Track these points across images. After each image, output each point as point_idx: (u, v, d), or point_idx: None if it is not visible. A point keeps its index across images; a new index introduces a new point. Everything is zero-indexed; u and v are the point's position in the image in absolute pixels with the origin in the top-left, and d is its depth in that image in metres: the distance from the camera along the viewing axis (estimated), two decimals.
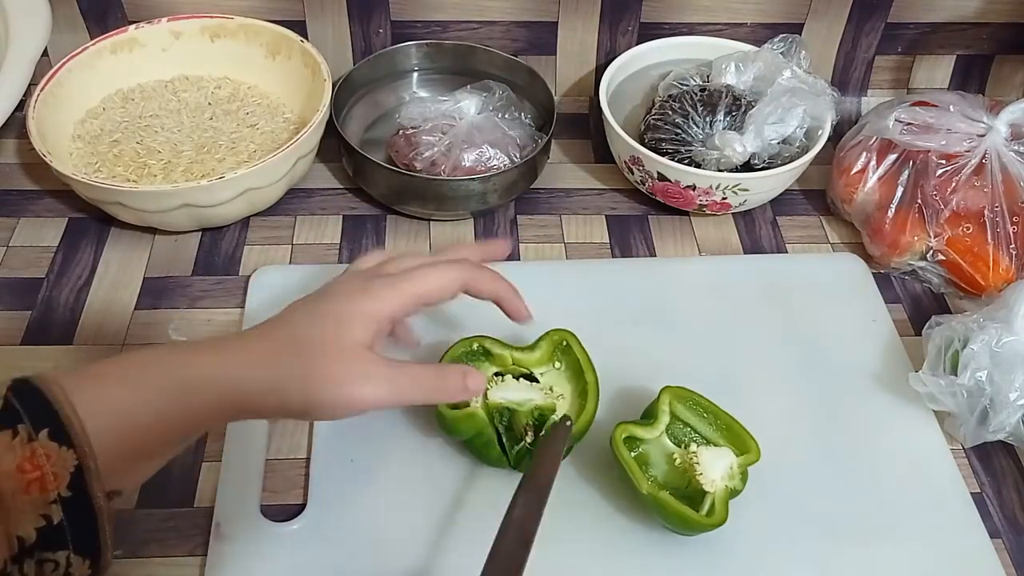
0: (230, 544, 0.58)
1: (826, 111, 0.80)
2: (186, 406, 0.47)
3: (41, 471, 0.41)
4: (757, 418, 0.61)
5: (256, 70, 0.86)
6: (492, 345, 0.64)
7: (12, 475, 0.40)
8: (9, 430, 0.41)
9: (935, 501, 0.63)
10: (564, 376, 0.65)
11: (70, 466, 0.42)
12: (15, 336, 0.70)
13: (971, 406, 0.63)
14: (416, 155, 0.79)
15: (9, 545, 0.40)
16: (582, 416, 0.62)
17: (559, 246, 0.80)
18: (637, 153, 0.78)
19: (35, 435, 0.41)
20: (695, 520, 0.57)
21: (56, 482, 0.41)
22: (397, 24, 0.88)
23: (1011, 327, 0.64)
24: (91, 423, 0.43)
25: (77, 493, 0.42)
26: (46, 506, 0.41)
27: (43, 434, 0.41)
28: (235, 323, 0.71)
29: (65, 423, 0.42)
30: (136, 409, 0.45)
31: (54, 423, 0.42)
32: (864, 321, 0.74)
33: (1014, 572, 0.60)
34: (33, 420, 0.42)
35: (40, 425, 0.42)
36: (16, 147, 0.85)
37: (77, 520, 0.42)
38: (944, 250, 0.75)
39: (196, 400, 0.47)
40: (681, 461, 0.60)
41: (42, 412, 0.42)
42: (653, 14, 0.88)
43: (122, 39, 0.84)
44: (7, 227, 0.78)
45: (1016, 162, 0.74)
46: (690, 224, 0.82)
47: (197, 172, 0.78)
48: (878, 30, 0.90)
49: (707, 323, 0.73)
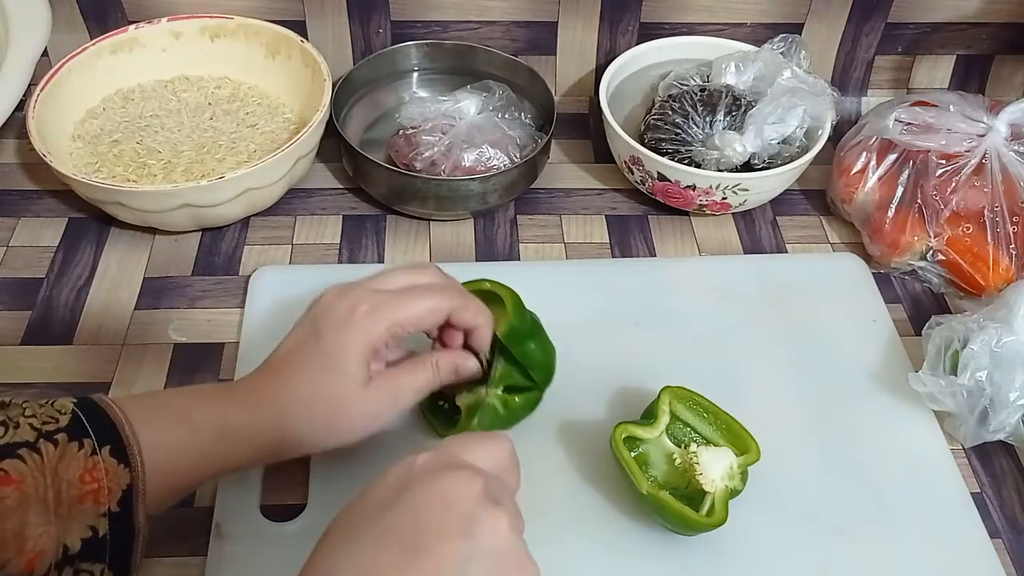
0: (230, 544, 0.58)
1: (826, 111, 0.80)
2: (228, 451, 0.51)
3: (99, 484, 0.43)
4: (757, 418, 0.61)
5: (256, 70, 0.86)
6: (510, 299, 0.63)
7: (75, 484, 0.42)
8: (77, 441, 0.43)
9: (935, 501, 0.63)
10: None
11: (123, 484, 0.44)
12: (15, 336, 0.70)
13: (971, 406, 0.63)
14: (416, 155, 0.79)
15: (56, 552, 0.41)
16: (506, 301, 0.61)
17: (559, 246, 0.80)
18: (637, 153, 0.78)
19: (99, 450, 0.44)
20: (695, 520, 0.57)
21: (110, 496, 0.43)
22: (397, 24, 0.88)
23: (1011, 327, 0.64)
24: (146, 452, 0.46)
25: (123, 511, 0.44)
26: (96, 518, 0.43)
27: (106, 450, 0.44)
28: (235, 323, 0.71)
29: (126, 443, 0.45)
30: (184, 446, 0.49)
31: (116, 442, 0.44)
32: (864, 321, 0.74)
33: (1014, 572, 0.60)
34: (99, 435, 0.44)
35: (104, 442, 0.44)
36: (16, 147, 0.85)
37: (118, 537, 0.44)
38: (944, 250, 0.75)
39: (231, 449, 0.51)
40: (681, 461, 0.60)
41: (106, 429, 0.45)
42: (653, 14, 0.88)
43: (122, 39, 0.84)
44: (7, 227, 0.78)
45: (1016, 162, 0.74)
46: (690, 224, 0.82)
47: (197, 172, 0.78)
48: (878, 30, 0.90)
49: (707, 323, 0.73)
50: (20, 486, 0.41)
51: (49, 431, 0.43)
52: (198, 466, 0.50)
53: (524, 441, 0.60)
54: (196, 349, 0.70)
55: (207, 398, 0.52)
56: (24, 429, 0.43)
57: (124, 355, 0.69)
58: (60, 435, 0.43)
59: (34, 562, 0.41)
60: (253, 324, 0.71)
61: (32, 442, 0.42)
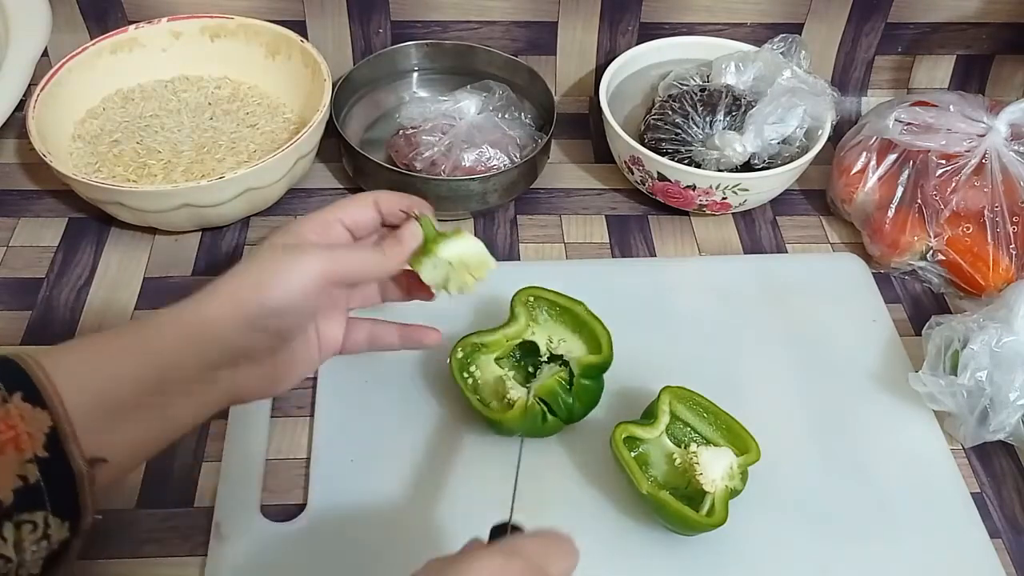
0: (230, 544, 0.58)
1: (826, 111, 0.80)
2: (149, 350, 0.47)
3: (16, 431, 0.41)
4: (757, 418, 0.62)
5: (256, 70, 0.86)
6: (480, 337, 0.65)
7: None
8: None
9: (935, 501, 0.63)
10: (554, 323, 0.66)
11: (45, 427, 0.42)
12: (15, 336, 0.70)
13: (971, 406, 0.63)
14: (416, 155, 0.79)
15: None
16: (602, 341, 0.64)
17: (559, 246, 0.80)
18: (637, 153, 0.78)
19: (9, 397, 0.42)
20: (695, 520, 0.57)
21: (31, 441, 0.42)
22: (397, 24, 0.88)
23: (1011, 327, 0.64)
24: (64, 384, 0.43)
25: (54, 455, 0.42)
26: (21, 466, 0.41)
27: (16, 396, 0.42)
28: None
29: (38, 386, 0.42)
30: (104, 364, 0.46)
31: (27, 386, 0.42)
32: (864, 321, 0.74)
33: (1014, 572, 0.60)
34: (7, 383, 0.42)
35: (13, 388, 0.42)
36: (16, 147, 0.85)
37: (55, 481, 0.42)
38: (944, 250, 0.75)
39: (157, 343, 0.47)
40: (681, 461, 0.60)
41: (15, 377, 0.43)
42: (653, 14, 0.88)
43: (122, 39, 0.84)
44: (7, 227, 0.78)
45: (1016, 162, 0.74)
46: (690, 224, 0.82)
47: (197, 172, 0.78)
48: (878, 30, 0.90)
49: (707, 323, 0.73)
50: None
51: None
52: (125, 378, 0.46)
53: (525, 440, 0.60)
54: None
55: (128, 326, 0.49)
56: None
57: None
58: None
59: None
60: None
61: None
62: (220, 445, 0.63)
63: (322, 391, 0.67)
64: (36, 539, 0.41)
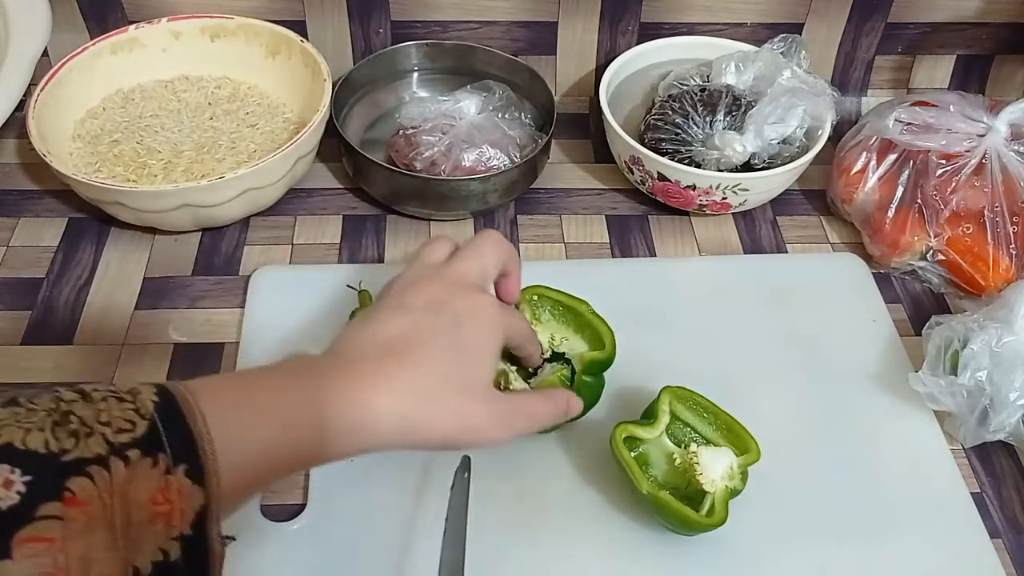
0: (230, 544, 0.58)
1: (826, 111, 0.80)
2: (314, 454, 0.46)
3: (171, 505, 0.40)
4: (757, 418, 0.61)
5: (256, 70, 0.86)
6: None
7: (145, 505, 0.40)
8: (150, 458, 0.40)
9: (935, 501, 0.63)
10: (557, 322, 0.66)
11: (197, 505, 0.41)
12: (15, 336, 0.70)
13: (971, 406, 0.63)
14: (416, 155, 0.79)
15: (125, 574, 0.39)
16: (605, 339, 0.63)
17: (559, 246, 0.80)
18: (637, 153, 0.78)
19: (174, 469, 0.40)
20: (695, 520, 0.57)
21: (182, 519, 0.40)
22: (397, 24, 0.88)
23: (1011, 327, 0.64)
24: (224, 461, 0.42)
25: (197, 533, 0.41)
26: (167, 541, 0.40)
27: (180, 470, 0.41)
28: (235, 323, 0.71)
29: (203, 461, 0.41)
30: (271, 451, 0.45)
31: (194, 461, 0.41)
32: (864, 321, 0.74)
33: (1014, 572, 0.60)
34: (175, 452, 0.41)
35: (180, 460, 0.41)
36: (16, 147, 0.85)
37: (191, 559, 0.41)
38: (944, 250, 0.75)
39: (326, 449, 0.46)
40: (681, 461, 0.60)
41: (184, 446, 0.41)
42: (653, 14, 0.88)
43: (122, 39, 0.84)
44: (7, 227, 0.78)
45: (1016, 162, 0.74)
46: (690, 224, 0.82)
47: (197, 172, 0.78)
48: (878, 30, 0.90)
49: (707, 323, 0.73)
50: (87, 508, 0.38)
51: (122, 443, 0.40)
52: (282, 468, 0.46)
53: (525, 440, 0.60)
54: (196, 349, 0.70)
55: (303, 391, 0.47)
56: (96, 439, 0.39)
57: (124, 355, 0.69)
58: (133, 451, 0.40)
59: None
60: (253, 324, 0.71)
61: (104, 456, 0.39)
62: None
63: None
64: None
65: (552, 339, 0.65)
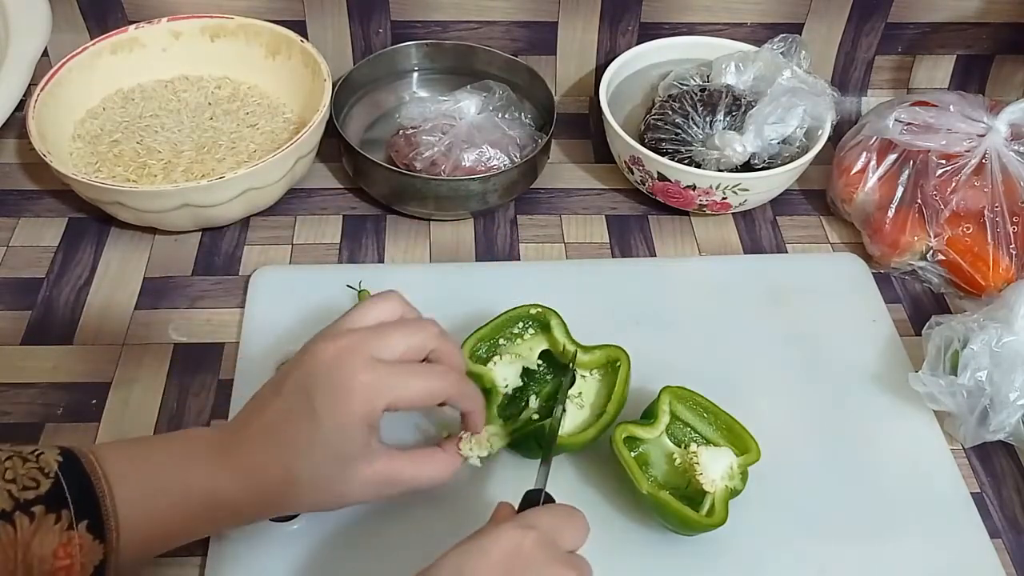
0: (230, 544, 0.58)
1: (826, 111, 0.80)
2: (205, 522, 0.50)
3: (71, 560, 0.42)
4: (757, 418, 0.62)
5: (256, 70, 0.86)
6: (556, 325, 0.65)
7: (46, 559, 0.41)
8: (54, 514, 0.42)
9: (935, 501, 0.63)
10: (597, 390, 0.64)
11: (96, 560, 0.43)
12: (15, 336, 0.70)
13: (971, 406, 0.63)
14: (416, 155, 0.79)
15: None
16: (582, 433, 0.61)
17: (559, 246, 0.80)
18: (637, 153, 0.78)
19: (76, 525, 0.42)
20: (695, 520, 0.57)
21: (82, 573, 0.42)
22: (397, 24, 0.88)
23: (1011, 327, 0.64)
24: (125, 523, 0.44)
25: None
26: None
27: (83, 525, 0.42)
28: (235, 323, 0.71)
29: (104, 518, 0.43)
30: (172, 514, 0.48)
31: (95, 517, 0.43)
32: (864, 321, 0.74)
33: (1014, 572, 0.60)
34: (77, 509, 0.43)
35: (82, 515, 0.43)
36: (16, 147, 0.85)
37: None
38: (944, 250, 0.75)
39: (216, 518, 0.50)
40: (681, 461, 0.60)
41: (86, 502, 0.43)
42: (653, 14, 0.88)
43: (122, 39, 0.84)
44: (7, 227, 0.78)
45: (1016, 162, 0.74)
46: (690, 224, 0.82)
47: (197, 172, 0.78)
48: (878, 30, 0.90)
49: (707, 323, 0.73)
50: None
51: (27, 500, 0.42)
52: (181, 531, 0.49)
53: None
54: (196, 349, 0.70)
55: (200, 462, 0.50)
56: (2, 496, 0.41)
57: (124, 355, 0.69)
58: (38, 507, 0.42)
59: None
60: (253, 324, 0.71)
61: (8, 512, 0.41)
62: None
63: None
64: None
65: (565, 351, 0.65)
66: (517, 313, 0.65)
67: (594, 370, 0.65)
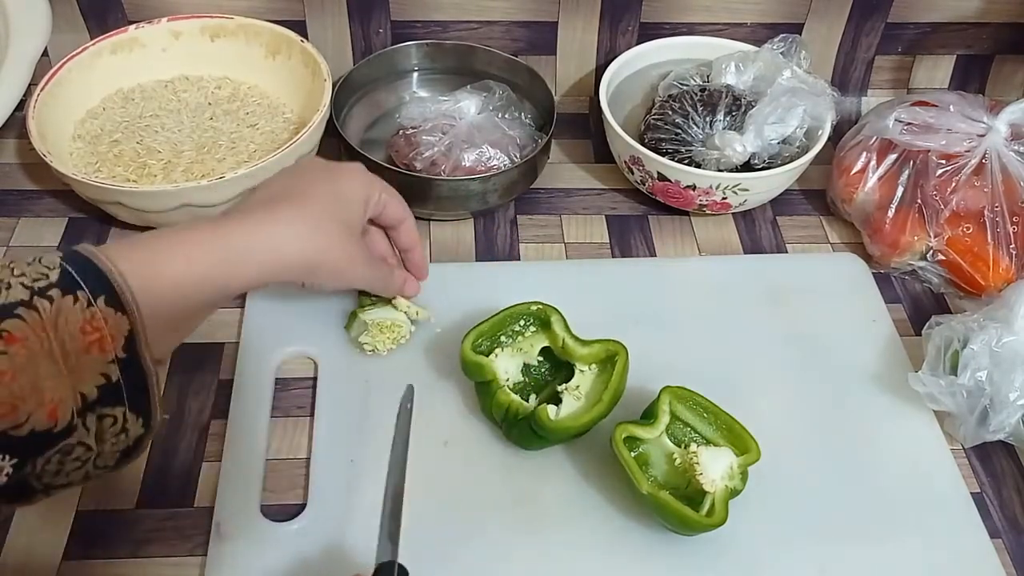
0: (230, 544, 0.58)
1: (826, 111, 0.80)
2: (222, 277, 0.52)
3: (101, 333, 0.44)
4: (757, 418, 0.62)
5: (256, 70, 0.86)
6: (556, 321, 0.65)
7: (76, 336, 0.43)
8: (71, 295, 0.44)
9: (935, 501, 0.63)
10: (594, 383, 0.64)
11: (124, 330, 0.45)
12: None
13: (971, 406, 0.63)
14: (416, 155, 0.79)
15: (75, 400, 0.43)
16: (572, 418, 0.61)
17: (559, 246, 0.80)
18: (637, 153, 0.78)
19: (94, 301, 0.44)
20: (695, 520, 0.57)
21: (113, 343, 0.44)
22: (397, 24, 0.88)
23: (1011, 327, 0.64)
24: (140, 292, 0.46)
25: (130, 355, 0.45)
26: (105, 365, 0.44)
27: (100, 300, 0.44)
28: (235, 323, 0.71)
29: (119, 291, 0.45)
30: (183, 278, 0.49)
31: (110, 291, 0.45)
32: (864, 321, 0.74)
33: (1014, 572, 0.60)
34: (91, 287, 0.44)
35: (98, 292, 0.44)
36: (16, 147, 0.85)
37: (131, 380, 0.45)
38: (944, 250, 0.75)
39: (231, 272, 0.52)
40: (681, 461, 0.60)
41: (98, 279, 0.45)
42: (653, 14, 0.88)
43: (122, 39, 0.84)
44: (7, 227, 0.78)
45: (1016, 162, 0.74)
46: (690, 224, 0.82)
47: (197, 172, 0.78)
48: (878, 30, 0.90)
49: (707, 323, 0.73)
50: (25, 343, 0.42)
51: (42, 287, 0.44)
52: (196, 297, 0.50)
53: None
54: (196, 349, 0.70)
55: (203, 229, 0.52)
56: (16, 289, 0.43)
57: None
58: (53, 291, 0.44)
59: (56, 411, 0.42)
60: (253, 324, 0.71)
61: (28, 300, 0.43)
62: (220, 445, 0.63)
63: (322, 391, 0.67)
64: (116, 432, 0.45)
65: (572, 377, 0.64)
66: (518, 310, 0.66)
67: (592, 364, 0.65)
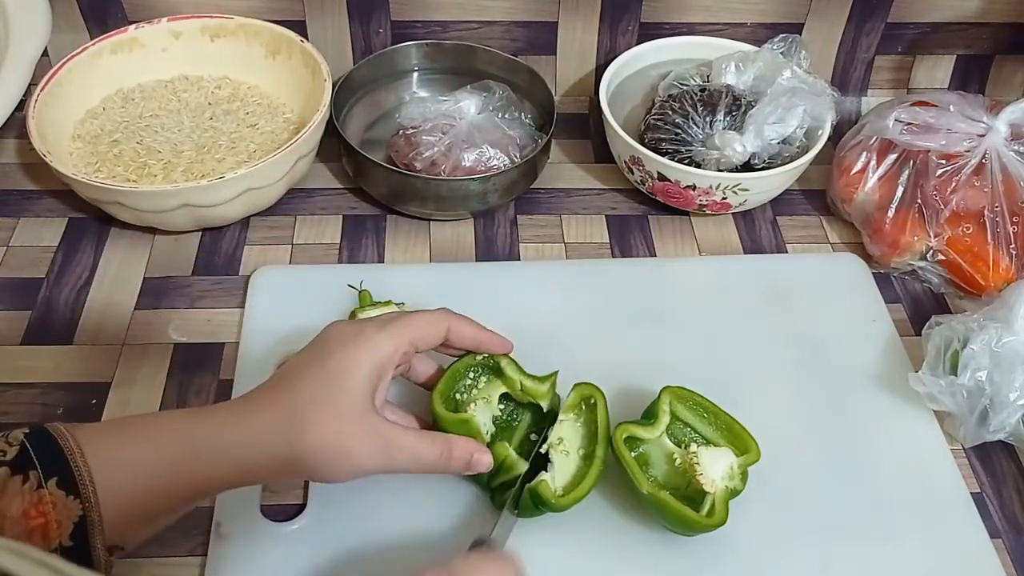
0: (230, 544, 0.58)
1: (826, 111, 0.80)
2: (195, 472, 0.48)
3: (45, 518, 0.42)
4: (757, 418, 0.61)
5: (256, 70, 0.86)
6: (507, 365, 0.61)
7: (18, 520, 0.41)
8: (20, 475, 0.42)
9: (935, 501, 0.63)
10: (579, 432, 0.62)
11: (74, 516, 0.42)
12: (15, 336, 0.70)
13: (971, 406, 0.63)
14: (416, 155, 0.79)
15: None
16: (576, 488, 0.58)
17: (559, 246, 0.80)
18: (637, 153, 0.78)
19: (44, 483, 0.42)
20: (695, 520, 0.57)
21: (59, 530, 0.42)
22: (397, 24, 0.88)
23: (1011, 327, 0.64)
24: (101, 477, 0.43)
25: (78, 544, 0.42)
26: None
27: (52, 482, 0.42)
28: (235, 323, 0.71)
29: (75, 473, 0.43)
30: (148, 469, 0.46)
31: (64, 472, 0.42)
32: (864, 321, 0.74)
33: (1014, 572, 0.60)
34: (44, 467, 0.42)
35: (51, 473, 0.42)
36: (16, 147, 0.85)
37: None
38: (944, 250, 0.75)
39: (204, 468, 0.48)
40: (681, 461, 0.60)
41: (54, 461, 0.43)
42: (653, 14, 0.88)
43: (122, 39, 0.84)
44: (7, 227, 0.78)
45: (1016, 162, 0.74)
46: (690, 224, 0.82)
47: (197, 172, 0.78)
48: (878, 30, 0.90)
49: (707, 323, 0.73)
50: None
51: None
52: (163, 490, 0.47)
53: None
54: (196, 349, 0.70)
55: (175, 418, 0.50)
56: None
57: (124, 355, 0.69)
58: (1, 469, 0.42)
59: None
60: (253, 324, 0.71)
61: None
62: None
63: None
64: None
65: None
66: (464, 363, 0.61)
67: (570, 412, 0.62)
